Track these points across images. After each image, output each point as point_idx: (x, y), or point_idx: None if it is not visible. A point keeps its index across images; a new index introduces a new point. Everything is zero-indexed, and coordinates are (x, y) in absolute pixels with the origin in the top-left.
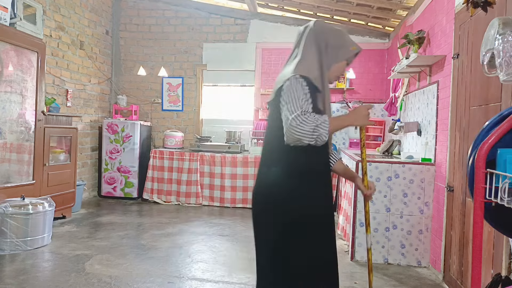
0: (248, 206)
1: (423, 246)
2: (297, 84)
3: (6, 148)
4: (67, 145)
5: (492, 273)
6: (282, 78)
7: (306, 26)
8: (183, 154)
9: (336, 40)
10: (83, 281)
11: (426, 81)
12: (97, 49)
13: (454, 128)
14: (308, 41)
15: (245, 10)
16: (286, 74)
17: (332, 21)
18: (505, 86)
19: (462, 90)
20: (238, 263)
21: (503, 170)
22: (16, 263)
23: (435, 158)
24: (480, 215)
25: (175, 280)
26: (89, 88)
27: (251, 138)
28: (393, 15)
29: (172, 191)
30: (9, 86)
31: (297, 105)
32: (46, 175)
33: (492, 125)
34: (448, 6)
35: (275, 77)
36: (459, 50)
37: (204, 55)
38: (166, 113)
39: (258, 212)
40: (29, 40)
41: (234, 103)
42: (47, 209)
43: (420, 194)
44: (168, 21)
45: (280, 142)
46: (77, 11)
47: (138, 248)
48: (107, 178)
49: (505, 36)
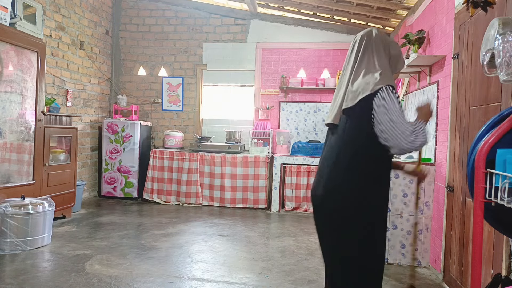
0: (248, 206)
1: (423, 246)
2: (393, 95)
3: (6, 148)
4: (67, 145)
5: (492, 273)
6: (364, 87)
7: (367, 34)
8: (183, 154)
9: (397, 51)
10: (83, 281)
11: (426, 81)
12: (97, 49)
13: (454, 128)
14: (378, 50)
15: (245, 10)
16: (367, 85)
17: (332, 21)
18: (505, 86)
19: (462, 90)
20: (238, 263)
21: (503, 170)
22: (16, 263)
23: (435, 158)
24: (480, 215)
25: (175, 280)
26: (89, 88)
27: (251, 138)
28: (393, 15)
29: (172, 191)
30: (9, 86)
31: (402, 119)
32: (46, 175)
33: (492, 125)
34: (448, 6)
35: (275, 77)
36: (459, 50)
37: (204, 55)
38: (166, 113)
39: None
40: (29, 40)
41: (234, 103)
42: (47, 209)
43: (420, 194)
44: (168, 21)
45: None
46: (77, 11)
47: (138, 248)
48: (107, 178)
49: (505, 36)
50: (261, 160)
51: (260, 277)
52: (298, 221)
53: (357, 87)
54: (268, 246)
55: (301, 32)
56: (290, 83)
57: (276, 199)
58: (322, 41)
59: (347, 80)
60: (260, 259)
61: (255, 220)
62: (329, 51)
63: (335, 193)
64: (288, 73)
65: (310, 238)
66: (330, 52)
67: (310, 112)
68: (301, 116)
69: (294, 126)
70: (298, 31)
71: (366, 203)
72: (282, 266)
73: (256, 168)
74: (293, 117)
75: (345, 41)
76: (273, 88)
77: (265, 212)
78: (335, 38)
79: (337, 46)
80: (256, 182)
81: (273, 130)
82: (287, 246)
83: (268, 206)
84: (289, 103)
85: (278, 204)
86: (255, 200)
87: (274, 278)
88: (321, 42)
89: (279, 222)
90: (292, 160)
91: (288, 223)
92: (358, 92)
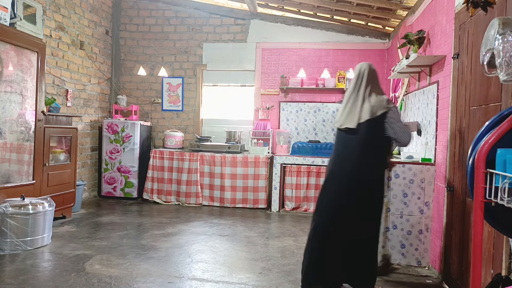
0: (248, 206)
1: (423, 246)
2: (398, 112)
3: (6, 148)
4: (67, 145)
5: (492, 273)
6: (379, 105)
7: (370, 66)
8: (183, 154)
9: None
10: (83, 281)
11: (426, 81)
12: (97, 49)
13: (454, 128)
14: (376, 80)
15: (245, 10)
16: (382, 104)
17: (332, 21)
18: (505, 86)
19: (462, 90)
20: (238, 263)
21: (503, 170)
22: (16, 263)
23: (435, 158)
24: (480, 215)
25: (175, 280)
26: (89, 88)
27: (251, 138)
28: (393, 15)
29: (172, 191)
30: (9, 86)
31: (404, 126)
32: (46, 175)
33: (492, 125)
34: (448, 6)
35: (275, 77)
36: (459, 50)
37: (204, 55)
38: (166, 113)
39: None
40: (29, 40)
41: (234, 103)
42: (47, 209)
43: (420, 194)
44: (168, 21)
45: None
46: (77, 11)
47: (138, 248)
48: (107, 178)
49: (505, 36)
50: (261, 160)
51: (260, 277)
52: (298, 221)
53: (373, 105)
54: (268, 246)
55: (301, 32)
56: (290, 83)
57: (276, 199)
58: (322, 41)
59: (362, 98)
60: (260, 259)
61: (255, 220)
62: (329, 51)
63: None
64: (288, 73)
65: None
66: (330, 52)
67: (310, 112)
68: (301, 116)
69: (294, 126)
70: (298, 31)
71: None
72: (282, 266)
73: (256, 168)
74: (293, 117)
75: (345, 41)
76: (273, 88)
77: (265, 212)
78: (335, 38)
79: (337, 46)
80: (256, 182)
81: (273, 130)
82: (287, 246)
83: (268, 206)
84: (289, 103)
85: (278, 204)
86: (255, 200)
87: (274, 278)
88: (321, 42)
89: (279, 222)
90: (292, 160)
91: (288, 223)
92: (376, 108)
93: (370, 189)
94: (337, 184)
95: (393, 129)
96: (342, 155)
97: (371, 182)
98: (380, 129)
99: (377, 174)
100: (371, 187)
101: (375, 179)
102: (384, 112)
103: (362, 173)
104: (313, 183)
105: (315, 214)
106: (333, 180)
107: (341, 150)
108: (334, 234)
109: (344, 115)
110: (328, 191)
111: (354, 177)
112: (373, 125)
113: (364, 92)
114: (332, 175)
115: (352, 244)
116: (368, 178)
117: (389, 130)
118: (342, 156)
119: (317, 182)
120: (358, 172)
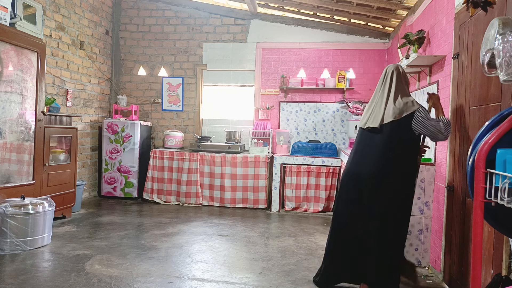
0: (248, 206)
1: (423, 246)
2: (426, 111)
3: (6, 148)
4: (67, 145)
5: (492, 273)
6: (404, 107)
7: (392, 69)
8: (183, 154)
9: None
10: (83, 281)
11: (426, 81)
12: (97, 49)
13: (454, 128)
14: (405, 80)
15: (245, 10)
16: (406, 106)
17: (332, 21)
18: (505, 86)
19: (462, 90)
20: (238, 263)
21: (503, 170)
22: (16, 263)
23: (435, 158)
24: (480, 215)
25: (175, 280)
26: (89, 88)
27: (251, 138)
28: (393, 15)
29: (172, 191)
30: (9, 86)
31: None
32: (46, 175)
33: (492, 125)
34: (448, 6)
35: (275, 77)
36: (459, 50)
37: (204, 55)
38: (166, 113)
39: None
40: (29, 40)
41: (234, 103)
42: (47, 209)
43: (420, 194)
44: (168, 21)
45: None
46: (77, 11)
47: (138, 248)
48: (107, 178)
49: (505, 36)
50: (261, 160)
51: (260, 277)
52: (298, 221)
53: (397, 107)
54: (268, 246)
55: (301, 32)
56: (290, 83)
57: (276, 199)
58: (322, 41)
59: (386, 99)
60: (260, 259)
61: (255, 220)
62: (329, 51)
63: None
64: (288, 73)
65: (310, 238)
66: (330, 52)
67: (310, 112)
68: (301, 116)
69: (294, 126)
70: (298, 31)
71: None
72: (282, 266)
73: (256, 168)
74: (293, 117)
75: (345, 41)
76: (273, 88)
77: (265, 212)
78: (335, 38)
79: (337, 46)
80: (256, 182)
81: (273, 130)
82: (287, 246)
83: (268, 206)
84: (289, 103)
85: (278, 204)
86: (255, 200)
87: (274, 278)
88: (321, 42)
89: (279, 222)
90: (292, 160)
91: (288, 223)
92: (402, 110)
93: (391, 189)
94: (355, 183)
95: (425, 127)
96: (363, 154)
97: (391, 183)
98: (405, 131)
99: (395, 175)
100: (391, 188)
101: (394, 181)
102: (411, 114)
103: (382, 173)
104: (313, 183)
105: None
106: (350, 179)
107: (362, 149)
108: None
109: (368, 115)
110: (346, 192)
111: (374, 177)
112: (397, 126)
113: (388, 94)
114: (349, 173)
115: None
116: (388, 180)
117: (422, 129)
118: (362, 155)
119: (317, 182)
120: (377, 172)
